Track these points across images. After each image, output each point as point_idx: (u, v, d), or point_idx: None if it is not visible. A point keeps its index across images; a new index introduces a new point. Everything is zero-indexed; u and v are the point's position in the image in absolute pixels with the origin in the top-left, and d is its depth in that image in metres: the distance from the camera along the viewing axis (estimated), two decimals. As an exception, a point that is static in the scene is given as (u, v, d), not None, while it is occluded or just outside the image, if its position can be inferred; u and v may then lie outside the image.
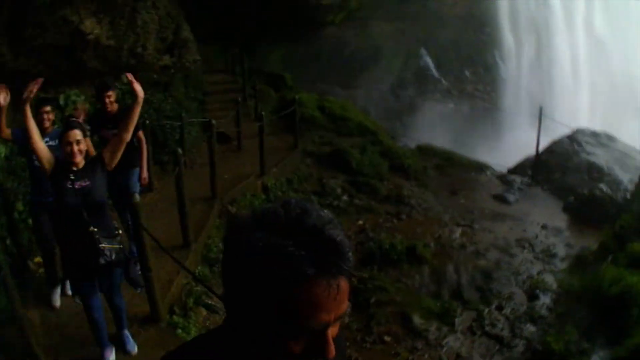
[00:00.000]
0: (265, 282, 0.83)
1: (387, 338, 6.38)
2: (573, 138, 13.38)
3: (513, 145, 14.58)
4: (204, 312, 5.47)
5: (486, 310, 6.72)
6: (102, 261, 3.70)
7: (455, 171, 13.49)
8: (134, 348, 4.31)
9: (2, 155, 6.01)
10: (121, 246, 3.89)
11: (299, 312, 0.83)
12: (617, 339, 5.26)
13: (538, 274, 7.95)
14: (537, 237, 9.45)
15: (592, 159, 12.51)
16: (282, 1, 16.41)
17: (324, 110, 14.70)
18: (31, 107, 3.85)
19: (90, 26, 7.30)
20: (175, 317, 4.97)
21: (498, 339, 6.21)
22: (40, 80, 3.67)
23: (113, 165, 3.85)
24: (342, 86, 20.39)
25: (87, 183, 3.72)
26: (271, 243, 0.84)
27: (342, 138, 13.10)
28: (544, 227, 9.87)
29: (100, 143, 5.20)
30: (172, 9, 9.81)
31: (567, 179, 12.06)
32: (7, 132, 4.54)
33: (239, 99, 10.70)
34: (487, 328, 6.34)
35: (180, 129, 9.36)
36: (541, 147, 13.23)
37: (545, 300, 7.16)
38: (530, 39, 22.70)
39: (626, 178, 11.60)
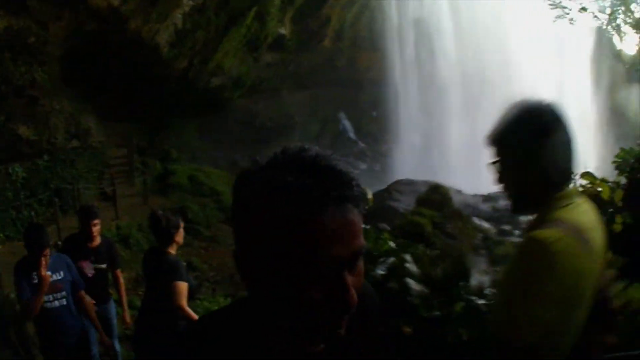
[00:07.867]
0: (273, 218, 0.81)
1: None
2: (388, 188, 16.08)
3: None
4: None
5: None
6: None
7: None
8: None
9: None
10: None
11: (310, 243, 0.80)
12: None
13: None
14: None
15: (394, 204, 14.75)
16: (173, 86, 18.57)
17: (192, 179, 20.68)
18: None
19: (22, 130, 13.59)
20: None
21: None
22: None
23: None
24: (254, 154, 24.47)
25: None
26: (273, 179, 0.83)
27: (196, 198, 18.85)
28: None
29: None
30: (74, 111, 16.06)
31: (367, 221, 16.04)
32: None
33: (110, 172, 16.81)
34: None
35: (77, 191, 15.34)
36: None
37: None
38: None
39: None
